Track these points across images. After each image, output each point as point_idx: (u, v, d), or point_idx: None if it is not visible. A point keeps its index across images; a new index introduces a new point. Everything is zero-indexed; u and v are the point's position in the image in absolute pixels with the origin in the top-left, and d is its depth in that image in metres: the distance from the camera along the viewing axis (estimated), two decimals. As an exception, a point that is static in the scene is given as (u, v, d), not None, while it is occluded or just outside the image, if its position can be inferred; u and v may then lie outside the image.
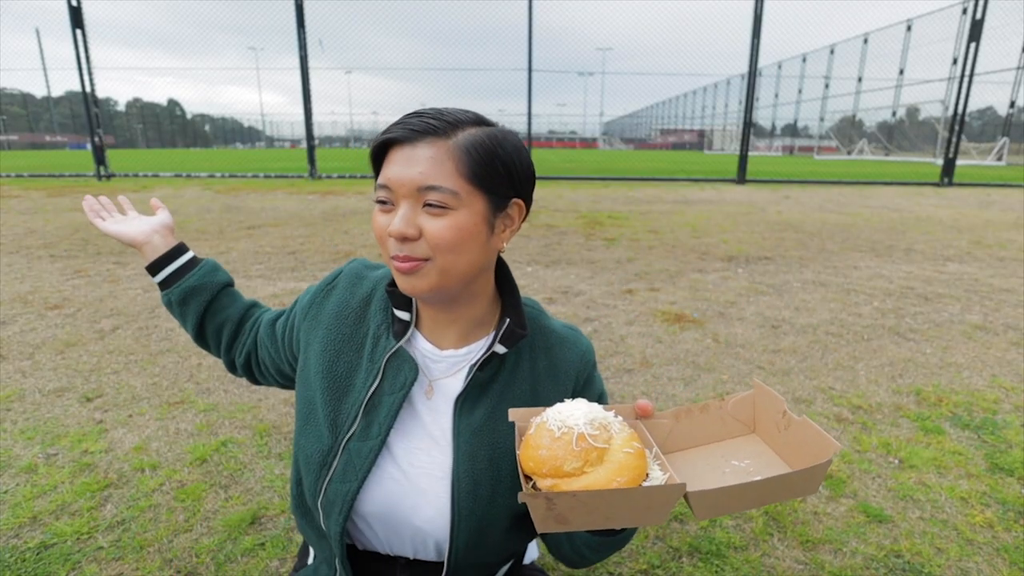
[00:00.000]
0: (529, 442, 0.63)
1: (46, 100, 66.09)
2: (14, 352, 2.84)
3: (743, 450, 0.75)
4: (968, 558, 1.53)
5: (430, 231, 0.72)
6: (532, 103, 13.32)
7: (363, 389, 0.83)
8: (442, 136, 0.73)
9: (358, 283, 0.90)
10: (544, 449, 0.61)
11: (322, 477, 0.84)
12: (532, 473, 0.62)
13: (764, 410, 0.76)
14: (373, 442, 0.82)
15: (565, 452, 0.60)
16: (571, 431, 0.61)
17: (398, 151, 0.74)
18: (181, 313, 1.03)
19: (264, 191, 10.52)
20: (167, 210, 1.09)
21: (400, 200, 0.73)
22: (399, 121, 0.76)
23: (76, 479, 1.82)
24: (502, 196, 0.76)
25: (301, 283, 4.13)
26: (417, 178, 0.71)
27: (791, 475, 0.60)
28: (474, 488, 0.81)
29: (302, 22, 12.00)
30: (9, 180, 12.98)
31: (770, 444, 0.75)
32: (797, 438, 0.70)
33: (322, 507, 0.85)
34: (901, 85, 33.12)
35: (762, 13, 12.00)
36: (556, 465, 0.60)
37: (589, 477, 0.59)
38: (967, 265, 4.98)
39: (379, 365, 0.83)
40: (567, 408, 0.65)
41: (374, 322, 0.86)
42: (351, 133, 79.83)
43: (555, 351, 0.88)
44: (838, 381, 2.63)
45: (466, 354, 0.84)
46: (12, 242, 5.53)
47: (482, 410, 0.83)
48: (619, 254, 5.29)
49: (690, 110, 65.33)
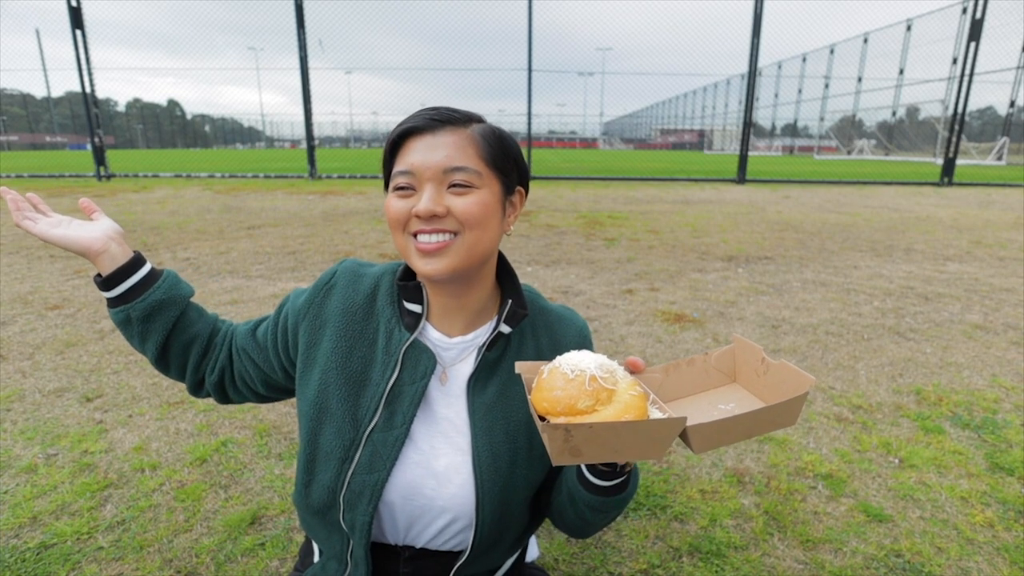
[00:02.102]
0: (543, 384, 0.68)
1: (46, 100, 66.11)
2: (14, 352, 2.84)
3: (727, 396, 0.83)
4: (968, 557, 1.53)
5: (458, 207, 0.77)
6: (532, 103, 13.32)
7: (381, 381, 0.85)
8: (460, 125, 0.80)
9: (359, 280, 0.91)
10: (559, 390, 0.66)
11: (344, 471, 0.85)
12: (546, 413, 0.66)
13: (744, 360, 0.84)
14: (398, 431, 0.85)
15: (578, 392, 0.65)
16: (583, 373, 0.66)
17: (418, 140, 0.79)
18: (142, 332, 0.90)
19: (264, 191, 10.52)
20: (103, 212, 0.96)
21: (424, 183, 0.78)
22: (414, 116, 0.81)
23: (76, 479, 1.82)
24: (512, 181, 0.85)
25: (301, 283, 4.13)
26: (443, 160, 0.77)
27: (773, 407, 0.67)
28: (494, 461, 0.86)
29: (302, 22, 12.00)
30: (9, 180, 12.98)
31: (751, 389, 0.83)
32: (776, 379, 0.78)
33: (345, 500, 0.86)
34: (901, 85, 33.09)
35: (762, 13, 12.00)
36: (570, 404, 0.65)
37: (600, 415, 0.65)
38: (967, 265, 4.98)
39: (396, 357, 0.85)
40: (577, 355, 0.70)
41: (383, 316, 0.88)
42: (351, 133, 79.82)
43: (555, 328, 0.94)
44: (838, 381, 2.63)
45: (474, 339, 0.89)
46: (12, 242, 5.53)
47: (493, 388, 0.88)
48: (619, 254, 5.28)
49: (690, 110, 65.30)
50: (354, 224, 6.79)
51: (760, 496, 1.79)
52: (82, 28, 11.72)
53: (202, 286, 4.04)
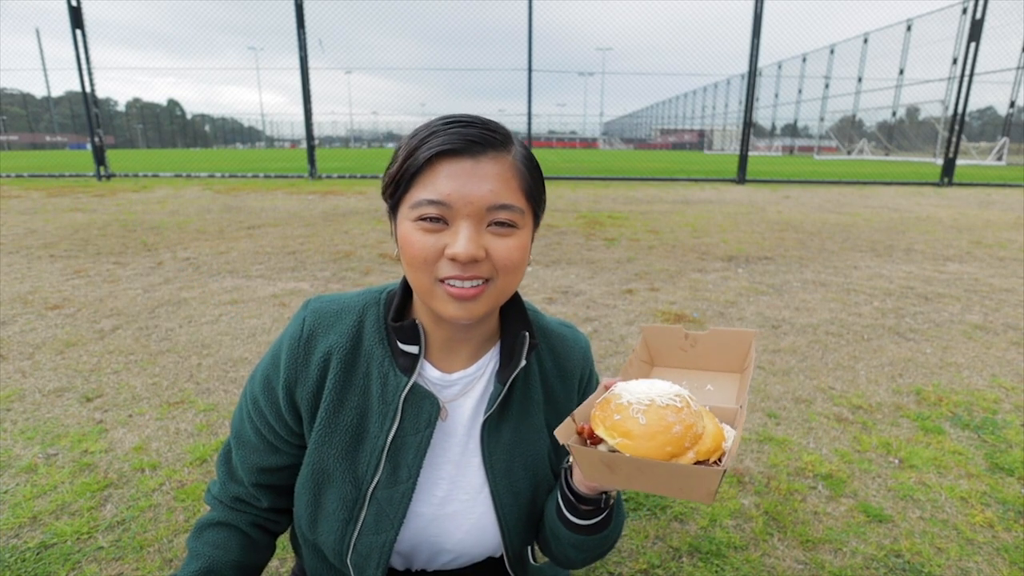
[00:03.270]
0: (647, 432, 0.61)
1: (46, 100, 66.10)
2: (14, 352, 2.84)
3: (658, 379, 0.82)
4: (968, 558, 1.53)
5: (499, 252, 0.68)
6: (532, 103, 13.33)
7: (380, 434, 0.77)
8: (502, 150, 0.68)
9: (336, 320, 0.79)
10: (677, 424, 0.61)
11: (348, 532, 0.78)
12: (672, 457, 0.60)
13: (661, 343, 0.86)
14: (404, 486, 0.78)
15: (693, 416, 0.62)
16: (682, 395, 0.64)
17: (452, 164, 0.66)
18: None
19: (264, 191, 10.52)
20: None
21: (460, 219, 0.66)
22: (443, 130, 0.67)
23: (76, 479, 1.82)
24: (541, 212, 0.76)
25: (301, 283, 4.13)
26: (488, 196, 0.66)
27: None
28: (515, 500, 0.82)
29: (302, 22, 12.00)
30: (9, 180, 12.98)
31: (679, 364, 0.86)
32: (711, 347, 0.81)
33: (353, 564, 0.80)
34: (901, 85, 33.10)
35: (762, 13, 12.00)
36: (694, 433, 0.61)
37: (709, 429, 0.63)
38: (967, 265, 4.98)
39: (395, 405, 0.76)
40: (645, 385, 0.66)
41: (374, 359, 0.78)
42: (351, 133, 79.86)
43: (558, 351, 0.88)
44: (838, 381, 2.63)
45: (476, 371, 0.81)
46: (12, 242, 5.53)
47: (508, 425, 0.82)
48: (619, 254, 5.29)
49: (690, 110, 65.30)
50: (354, 224, 6.78)
51: (760, 496, 1.79)
52: (82, 28, 11.72)
53: (202, 286, 4.04)
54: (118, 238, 5.81)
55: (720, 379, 0.83)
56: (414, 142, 0.68)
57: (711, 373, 0.85)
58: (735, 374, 0.84)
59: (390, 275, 4.42)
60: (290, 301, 3.71)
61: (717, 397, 0.79)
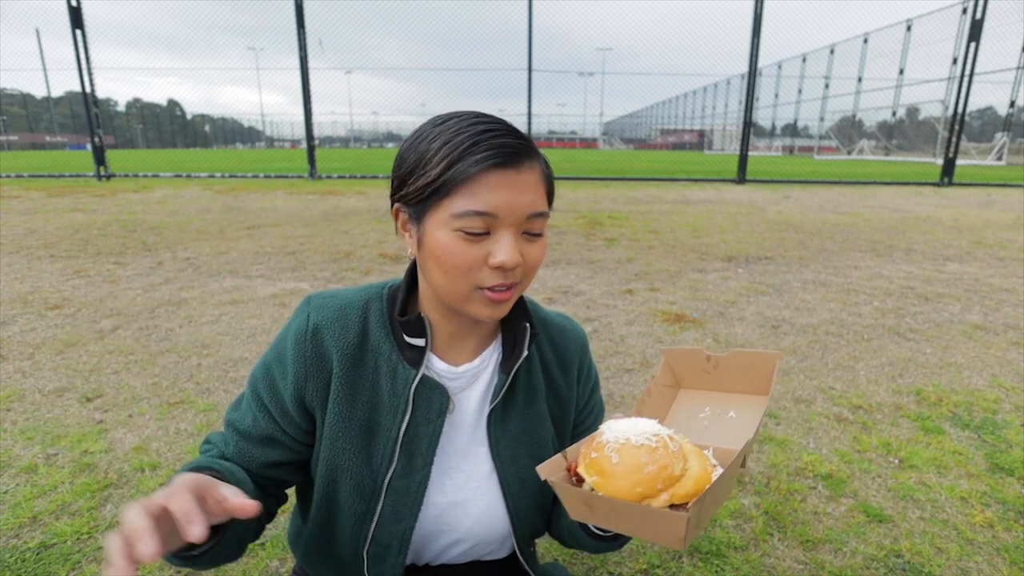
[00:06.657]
0: (621, 471, 0.60)
1: (46, 100, 66.11)
2: (14, 352, 2.84)
3: (692, 403, 0.82)
4: (968, 558, 1.53)
5: (532, 256, 0.71)
6: (532, 103, 13.32)
7: (393, 425, 0.79)
8: (534, 158, 0.71)
9: (342, 314, 0.79)
10: (650, 464, 0.59)
11: (367, 524, 0.80)
12: (642, 498, 0.59)
13: (684, 366, 0.84)
14: (419, 475, 0.80)
15: (670, 457, 0.60)
16: (660, 436, 0.62)
17: (496, 175, 0.66)
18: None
19: (264, 191, 10.52)
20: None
21: (502, 228, 0.68)
22: (485, 139, 0.66)
23: (76, 479, 1.82)
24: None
25: (301, 283, 4.13)
26: (529, 205, 0.68)
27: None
28: (523, 486, 0.84)
29: (302, 22, 11.99)
30: (9, 180, 12.98)
31: (703, 387, 0.83)
32: (733, 367, 0.78)
33: (370, 555, 0.82)
34: (901, 85, 33.08)
35: (762, 13, 12.00)
36: (668, 474, 0.59)
37: (692, 471, 0.61)
38: (967, 265, 4.98)
39: (406, 397, 0.78)
40: (625, 424, 0.64)
41: (382, 353, 0.79)
42: (351, 133, 79.91)
43: (557, 342, 0.91)
44: (838, 381, 2.63)
45: (480, 363, 0.83)
46: (12, 242, 5.53)
47: (513, 414, 0.85)
48: (619, 254, 5.29)
49: (690, 110, 65.29)
50: (354, 224, 6.79)
51: (760, 496, 1.79)
52: (82, 28, 11.71)
53: (202, 286, 4.04)
54: (118, 238, 5.81)
55: (744, 403, 0.80)
56: (456, 152, 0.66)
57: (736, 396, 0.82)
58: (760, 396, 0.81)
59: (390, 275, 4.42)
60: (290, 301, 3.71)
61: (733, 427, 0.76)
